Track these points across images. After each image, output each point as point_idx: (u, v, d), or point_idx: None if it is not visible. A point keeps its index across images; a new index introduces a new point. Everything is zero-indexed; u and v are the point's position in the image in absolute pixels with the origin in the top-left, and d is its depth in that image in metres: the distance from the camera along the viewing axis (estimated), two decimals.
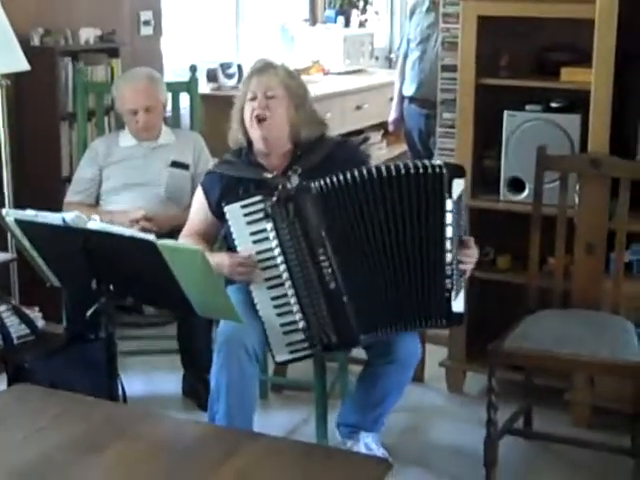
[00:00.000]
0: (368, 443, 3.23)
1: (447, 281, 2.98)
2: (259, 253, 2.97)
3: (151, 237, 2.62)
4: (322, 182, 2.91)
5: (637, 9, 3.40)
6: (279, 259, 2.95)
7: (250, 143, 3.23)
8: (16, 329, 3.60)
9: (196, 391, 3.77)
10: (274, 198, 2.90)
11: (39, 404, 2.37)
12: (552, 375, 3.56)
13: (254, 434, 2.55)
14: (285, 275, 2.97)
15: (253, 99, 3.16)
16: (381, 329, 3.01)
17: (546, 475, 3.32)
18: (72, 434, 2.19)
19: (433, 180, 2.90)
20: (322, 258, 2.92)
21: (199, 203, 3.31)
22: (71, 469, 2.02)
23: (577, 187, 3.41)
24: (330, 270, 2.93)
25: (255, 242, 2.97)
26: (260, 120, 3.14)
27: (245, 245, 2.98)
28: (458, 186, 2.93)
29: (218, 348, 3.06)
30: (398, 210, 2.91)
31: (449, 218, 2.91)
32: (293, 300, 2.98)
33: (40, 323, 3.74)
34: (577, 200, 3.41)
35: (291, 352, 3.03)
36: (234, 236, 3.00)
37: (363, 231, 2.93)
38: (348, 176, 2.90)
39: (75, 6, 4.75)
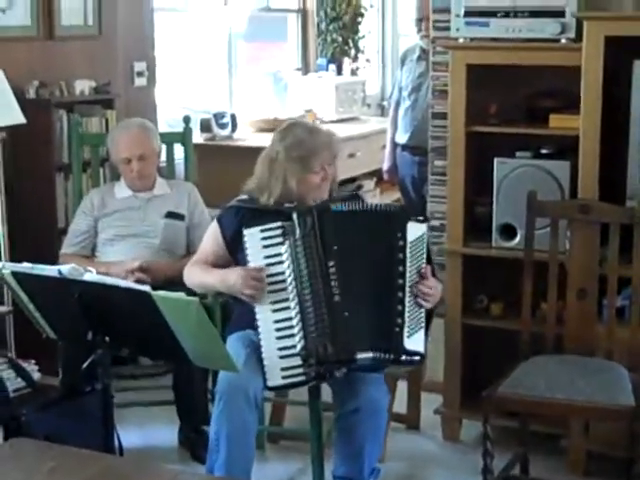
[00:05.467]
0: None
1: (397, 317, 3.06)
2: (270, 276, 3.09)
3: (146, 288, 2.65)
4: (336, 205, 3.18)
5: (622, 55, 3.46)
6: (289, 281, 3.08)
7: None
8: (12, 382, 3.60)
9: (191, 442, 3.76)
10: (294, 213, 3.10)
11: (35, 458, 2.37)
12: (547, 421, 3.57)
13: None
14: (292, 297, 3.07)
15: (321, 169, 3.28)
16: (375, 351, 3.05)
17: None
18: None
19: (385, 219, 3.14)
20: (332, 271, 3.07)
21: (213, 236, 3.38)
22: None
23: (568, 233, 3.45)
24: (336, 283, 3.06)
25: (268, 265, 3.11)
26: (323, 185, 3.32)
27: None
28: (415, 229, 3.13)
29: (219, 396, 3.07)
30: (368, 242, 3.13)
31: (400, 257, 3.09)
32: (296, 322, 3.05)
33: (36, 376, 3.74)
34: (568, 246, 3.44)
35: (284, 377, 3.07)
36: (248, 258, 3.12)
37: (357, 254, 3.12)
38: (353, 205, 3.19)
39: (70, 58, 4.81)
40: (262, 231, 3.11)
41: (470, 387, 3.80)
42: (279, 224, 3.10)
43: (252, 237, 3.12)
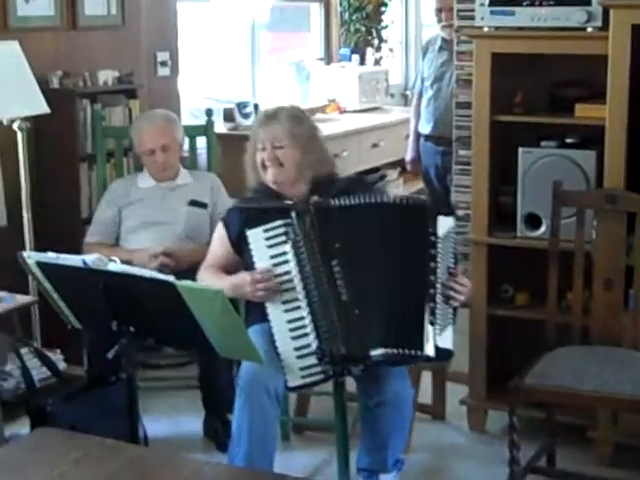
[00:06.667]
0: None
1: (429, 315, 3.00)
2: (278, 276, 3.05)
3: (170, 278, 2.64)
4: (337, 200, 3.07)
5: None
6: (296, 280, 3.03)
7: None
8: (38, 372, 3.62)
9: (216, 432, 3.77)
10: (293, 212, 3.03)
11: (60, 448, 2.37)
12: (574, 412, 3.54)
13: (276, 475, 2.54)
14: (302, 296, 3.03)
15: (263, 149, 3.28)
16: (391, 348, 3.00)
17: None
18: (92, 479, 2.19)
19: (415, 213, 3.04)
20: (336, 269, 3.01)
21: (220, 237, 3.39)
22: None
23: (594, 222, 3.42)
24: (342, 282, 3.01)
25: (275, 265, 3.06)
26: (269, 167, 3.27)
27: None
28: (444, 223, 3.03)
29: (239, 391, 3.07)
30: (389, 236, 3.05)
31: (432, 252, 3.00)
32: (308, 321, 3.02)
33: (61, 365, 3.76)
34: (594, 235, 3.41)
35: (303, 377, 3.05)
36: (254, 259, 3.09)
37: (367, 250, 3.05)
38: (358, 199, 3.07)
39: (93, 48, 4.81)
40: (265, 231, 3.07)
41: (495, 377, 3.78)
42: (281, 222, 3.05)
43: (255, 237, 3.08)
